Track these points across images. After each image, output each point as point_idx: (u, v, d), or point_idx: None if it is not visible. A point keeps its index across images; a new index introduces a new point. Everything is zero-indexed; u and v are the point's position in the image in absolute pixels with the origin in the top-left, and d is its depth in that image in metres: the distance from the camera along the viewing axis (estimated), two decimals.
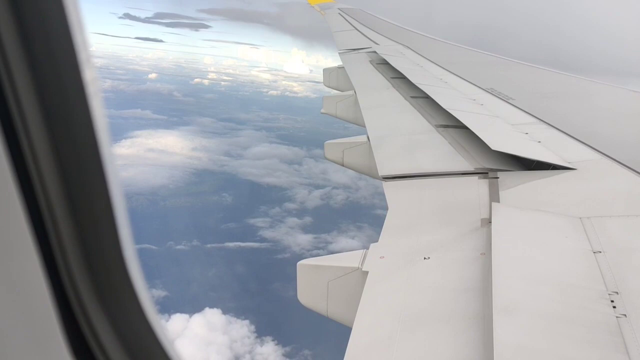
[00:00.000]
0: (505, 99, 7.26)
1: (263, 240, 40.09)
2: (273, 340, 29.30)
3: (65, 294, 1.06)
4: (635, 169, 4.39)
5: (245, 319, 30.45)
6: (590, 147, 5.06)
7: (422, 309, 2.83)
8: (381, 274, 3.23)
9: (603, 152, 4.87)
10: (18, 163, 0.96)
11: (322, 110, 9.55)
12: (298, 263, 3.69)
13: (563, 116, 6.49)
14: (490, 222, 3.54)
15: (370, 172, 5.88)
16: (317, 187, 51.24)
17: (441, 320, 2.71)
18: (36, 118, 0.98)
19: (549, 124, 5.94)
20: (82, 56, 0.98)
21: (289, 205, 46.48)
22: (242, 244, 39.18)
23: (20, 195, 0.96)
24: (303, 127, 78.74)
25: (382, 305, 2.95)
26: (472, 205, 4.03)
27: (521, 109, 6.69)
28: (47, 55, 0.97)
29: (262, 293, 33.37)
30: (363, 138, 6.50)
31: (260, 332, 29.76)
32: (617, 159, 4.64)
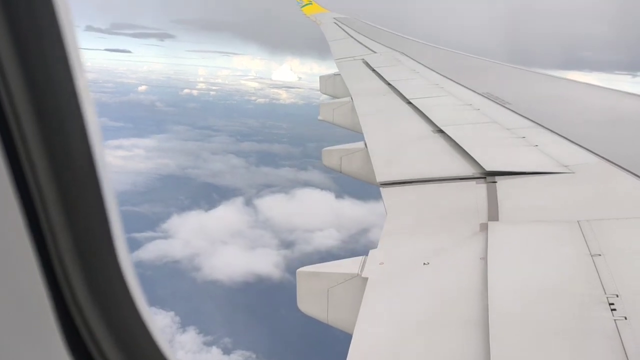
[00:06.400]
0: (502, 104, 7.28)
1: (163, 231, 44.05)
2: (195, 329, 30.75)
3: (61, 292, 1.09)
4: (633, 171, 4.40)
5: (170, 310, 31.40)
6: (587, 149, 5.07)
7: (423, 315, 2.83)
8: (381, 280, 3.22)
9: (600, 154, 4.88)
10: (14, 166, 0.99)
11: (320, 117, 9.56)
12: (297, 270, 3.68)
13: (559, 119, 6.51)
14: (488, 229, 3.55)
15: (368, 179, 5.87)
16: (269, 186, 56.48)
17: (442, 326, 2.71)
18: (33, 127, 1.00)
19: (545, 127, 5.96)
20: (75, 69, 1.01)
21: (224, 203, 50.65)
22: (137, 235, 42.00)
23: (18, 198, 0.99)
24: (286, 132, 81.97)
25: (382, 311, 2.94)
26: (470, 210, 4.03)
27: (517, 113, 6.72)
28: (43, 71, 1.00)
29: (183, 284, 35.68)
30: (361, 144, 6.50)
31: (185, 323, 30.96)
32: (614, 162, 4.65)
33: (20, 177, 1.00)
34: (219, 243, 42.75)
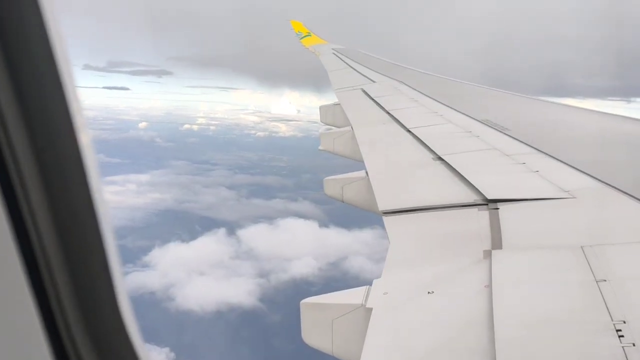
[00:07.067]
0: (501, 130, 7.33)
1: (144, 264, 44.51)
2: None
3: (51, 309, 1.09)
4: (634, 195, 4.40)
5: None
6: (588, 174, 5.09)
7: (428, 344, 2.80)
8: (385, 310, 3.20)
9: (601, 179, 4.89)
10: (4, 182, 1.01)
11: (320, 147, 9.62)
12: (301, 302, 3.66)
13: (558, 144, 6.54)
14: (492, 256, 3.54)
15: (370, 208, 5.88)
16: (256, 218, 56.21)
17: (448, 356, 2.68)
18: (32, 173, 1.03)
19: (545, 153, 5.99)
20: (74, 111, 1.04)
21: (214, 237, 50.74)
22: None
23: (7, 215, 1.00)
24: (284, 165, 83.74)
25: (387, 342, 2.92)
26: (473, 237, 4.02)
27: (517, 139, 6.76)
28: (42, 114, 1.03)
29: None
30: (362, 173, 6.53)
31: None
32: (615, 186, 4.66)
33: (12, 199, 1.02)
34: (197, 274, 43.14)
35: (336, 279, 40.49)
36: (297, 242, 48.37)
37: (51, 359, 1.07)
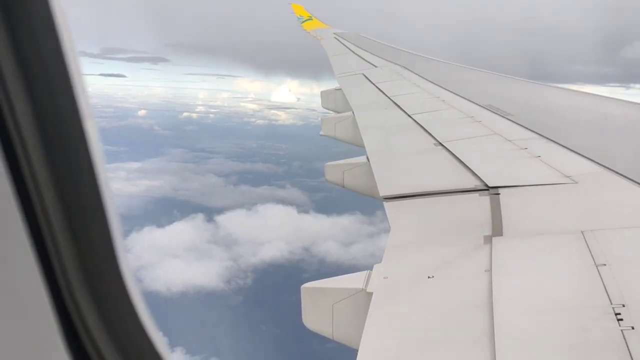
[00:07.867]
0: (504, 115, 7.30)
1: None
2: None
3: (62, 297, 1.10)
4: (635, 180, 4.39)
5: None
6: (590, 159, 5.07)
7: (428, 329, 2.82)
8: (386, 294, 3.21)
9: (602, 163, 4.88)
10: (14, 170, 1.02)
11: (321, 133, 9.60)
12: (302, 286, 3.68)
13: (561, 129, 6.52)
14: (492, 242, 3.55)
15: (371, 193, 5.88)
16: (238, 204, 56.35)
17: (447, 340, 2.69)
18: (37, 150, 1.04)
19: (547, 138, 5.97)
20: (82, 100, 1.04)
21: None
22: None
23: (19, 204, 1.01)
24: (280, 153, 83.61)
25: (387, 326, 2.93)
26: (474, 222, 4.02)
27: (519, 124, 6.73)
28: (49, 102, 1.03)
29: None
30: (363, 159, 6.52)
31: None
32: (616, 171, 4.65)
33: (21, 184, 1.03)
34: (169, 257, 43.78)
35: (306, 262, 41.91)
36: (274, 228, 49.09)
37: (57, 329, 1.08)
